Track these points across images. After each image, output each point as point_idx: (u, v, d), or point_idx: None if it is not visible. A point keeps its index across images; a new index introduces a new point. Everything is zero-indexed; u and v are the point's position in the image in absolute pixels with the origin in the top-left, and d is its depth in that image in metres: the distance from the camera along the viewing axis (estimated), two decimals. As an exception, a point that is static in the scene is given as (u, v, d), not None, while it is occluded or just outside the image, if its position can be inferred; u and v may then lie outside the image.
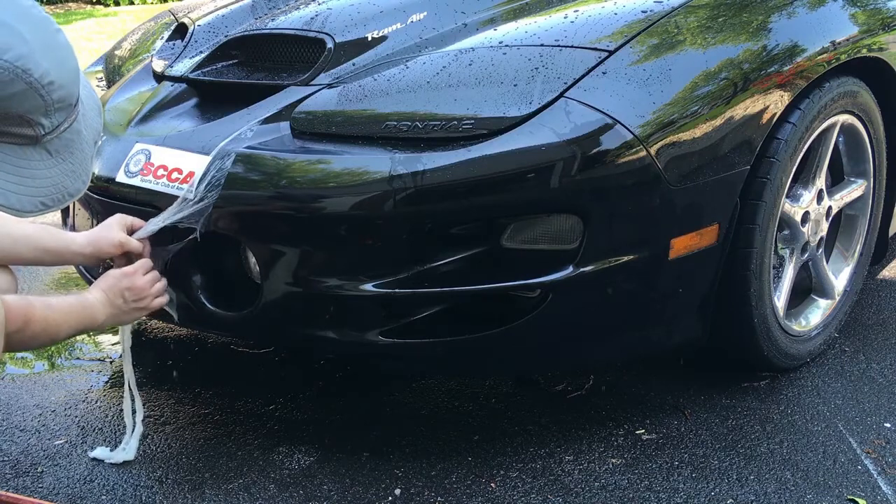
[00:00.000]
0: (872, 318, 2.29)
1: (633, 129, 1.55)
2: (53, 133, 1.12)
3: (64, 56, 1.11)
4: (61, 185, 1.17)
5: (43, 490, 1.67)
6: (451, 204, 1.53)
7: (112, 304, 1.55)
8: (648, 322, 1.74)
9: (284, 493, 1.65)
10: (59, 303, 1.46)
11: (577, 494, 1.63)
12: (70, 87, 1.12)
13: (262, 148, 1.63)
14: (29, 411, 1.96)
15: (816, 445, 1.76)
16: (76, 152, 1.18)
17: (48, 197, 1.16)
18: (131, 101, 2.01)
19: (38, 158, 1.13)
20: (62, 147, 1.15)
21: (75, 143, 1.17)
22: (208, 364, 2.16)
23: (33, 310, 1.38)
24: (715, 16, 1.75)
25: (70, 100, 1.12)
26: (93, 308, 1.51)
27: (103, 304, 1.53)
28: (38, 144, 1.12)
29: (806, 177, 1.98)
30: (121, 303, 1.56)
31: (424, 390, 1.99)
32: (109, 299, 1.55)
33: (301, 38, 1.92)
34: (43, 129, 1.11)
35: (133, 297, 1.57)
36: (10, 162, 1.11)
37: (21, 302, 1.37)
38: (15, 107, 1.06)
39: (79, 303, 1.50)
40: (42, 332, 1.40)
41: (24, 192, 1.13)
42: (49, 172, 1.15)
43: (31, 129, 1.09)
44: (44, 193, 1.15)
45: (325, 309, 1.62)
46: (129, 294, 1.57)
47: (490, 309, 1.63)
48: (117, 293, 1.56)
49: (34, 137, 1.11)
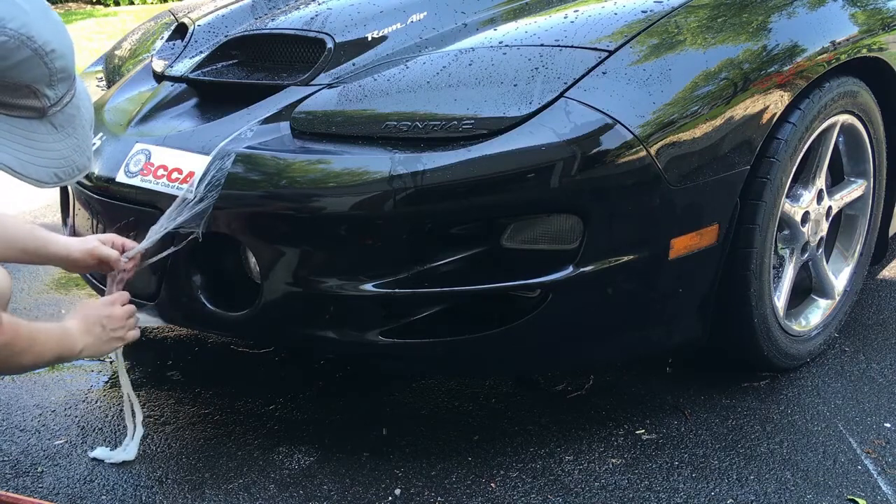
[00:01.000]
0: (872, 318, 2.29)
1: (633, 129, 1.55)
2: (58, 106, 1.20)
3: (61, 28, 1.19)
4: (70, 159, 1.23)
5: (43, 490, 1.67)
6: (451, 204, 1.53)
7: (90, 332, 1.53)
8: (648, 322, 1.74)
9: (284, 493, 1.65)
10: (41, 325, 1.45)
11: (577, 494, 1.63)
12: (69, 57, 1.19)
13: (262, 148, 1.63)
14: (29, 411, 1.96)
15: (816, 445, 1.76)
16: (78, 128, 1.25)
17: (60, 169, 1.22)
18: (131, 101, 2.01)
19: (46, 132, 1.20)
20: (66, 122, 1.22)
21: (76, 119, 1.24)
22: (208, 364, 2.16)
23: (19, 325, 1.37)
24: (715, 16, 1.75)
25: (70, 71, 1.19)
26: (72, 336, 1.50)
27: (82, 332, 1.52)
28: (45, 118, 1.20)
29: (806, 177, 1.98)
30: (99, 331, 1.54)
31: (424, 390, 1.99)
32: (88, 328, 1.53)
33: (301, 38, 1.92)
34: (48, 101, 1.18)
35: (112, 326, 1.56)
36: (23, 135, 1.17)
37: (6, 315, 1.36)
38: (23, 75, 1.13)
39: (59, 328, 1.49)
40: (27, 350, 1.38)
41: (40, 163, 1.19)
42: (58, 146, 1.21)
43: (38, 100, 1.17)
44: (56, 165, 1.22)
45: (325, 309, 1.62)
46: (108, 322, 1.56)
47: (490, 309, 1.63)
48: (95, 321, 1.54)
49: (41, 110, 1.18)
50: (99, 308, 1.57)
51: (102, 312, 1.56)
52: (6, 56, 1.10)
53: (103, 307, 1.57)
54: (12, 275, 1.59)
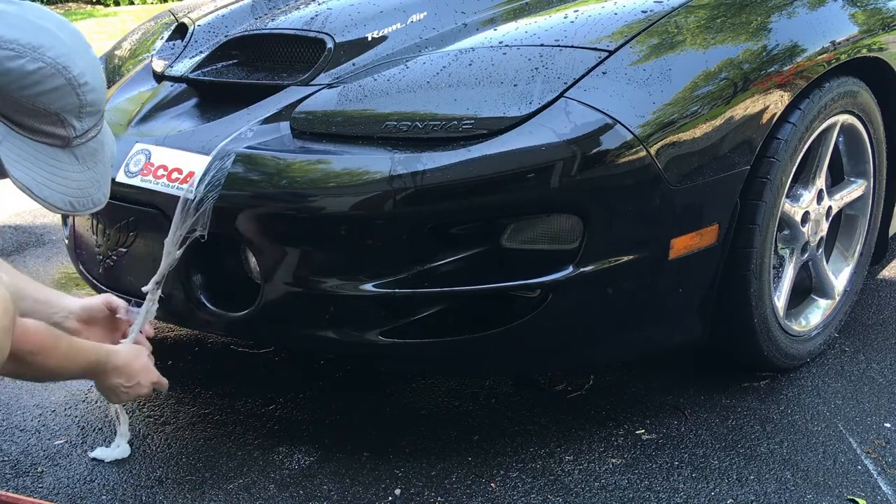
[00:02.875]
0: (872, 318, 2.29)
1: (633, 129, 1.55)
2: (83, 138, 1.23)
3: (96, 64, 1.23)
4: (87, 191, 1.26)
5: (43, 490, 1.67)
6: (451, 204, 1.53)
7: (124, 373, 1.55)
8: (648, 322, 1.74)
9: (284, 493, 1.65)
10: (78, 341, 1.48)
11: (577, 494, 1.63)
12: (100, 92, 1.23)
13: (262, 148, 1.63)
14: (29, 411, 1.96)
15: (816, 445, 1.76)
16: (99, 164, 1.27)
17: (76, 199, 1.24)
18: (131, 101, 2.01)
19: (68, 161, 1.22)
20: (88, 155, 1.25)
21: (98, 154, 1.27)
22: (208, 364, 2.16)
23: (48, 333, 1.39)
24: (715, 16, 1.75)
25: (99, 105, 1.23)
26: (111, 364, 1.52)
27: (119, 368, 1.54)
28: (68, 147, 1.22)
29: (806, 177, 1.98)
30: (123, 381, 1.56)
31: (424, 390, 1.99)
32: (128, 369, 1.55)
33: (301, 38, 1.92)
34: (74, 132, 1.21)
35: (141, 383, 1.58)
36: (45, 160, 1.20)
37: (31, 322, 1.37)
38: (54, 103, 1.16)
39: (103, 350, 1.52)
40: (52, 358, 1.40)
41: (57, 188, 1.21)
42: (77, 177, 1.24)
43: (64, 129, 1.20)
44: (72, 194, 1.24)
45: (325, 309, 1.62)
46: (142, 377, 1.58)
47: (490, 309, 1.63)
48: (134, 373, 1.56)
49: (66, 139, 1.21)
50: (147, 364, 1.60)
51: (136, 365, 1.58)
52: (40, 81, 1.14)
53: (148, 368, 1.60)
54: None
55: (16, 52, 1.12)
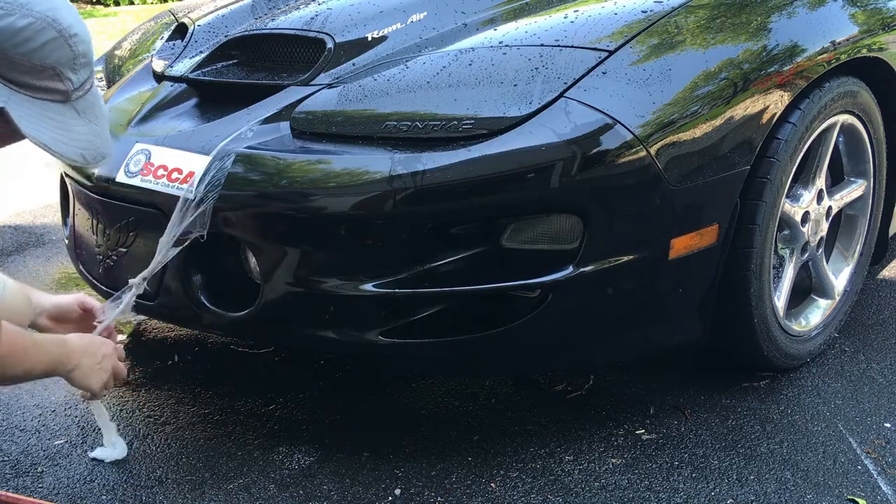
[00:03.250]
0: (872, 318, 2.29)
1: (633, 129, 1.55)
2: (80, 91, 1.24)
3: (80, 18, 1.23)
4: (94, 144, 1.27)
5: (43, 490, 1.67)
6: (451, 204, 1.53)
7: (88, 352, 1.53)
8: (648, 322, 1.74)
9: (284, 493, 1.65)
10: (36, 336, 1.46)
11: (577, 494, 1.63)
12: (89, 44, 1.23)
13: (262, 148, 1.63)
14: (29, 411, 1.96)
15: (816, 445, 1.76)
16: (99, 117, 1.29)
17: (86, 151, 1.26)
18: (131, 101, 2.01)
19: (70, 116, 1.24)
20: (87, 108, 1.26)
21: (96, 107, 1.28)
22: (208, 364, 2.16)
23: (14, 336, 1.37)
24: (715, 16, 1.75)
25: (90, 56, 1.24)
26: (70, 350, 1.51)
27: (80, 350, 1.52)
28: (69, 102, 1.23)
29: (806, 177, 1.98)
30: (96, 355, 1.54)
31: (424, 390, 1.99)
32: (86, 348, 1.54)
33: (301, 38, 1.92)
34: (72, 84, 1.22)
35: (106, 353, 1.57)
36: (51, 117, 1.21)
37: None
38: (48, 56, 1.17)
39: (58, 340, 1.50)
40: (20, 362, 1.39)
41: (67, 141, 1.23)
42: (82, 130, 1.25)
43: (62, 83, 1.20)
44: (82, 146, 1.25)
45: (325, 309, 1.62)
46: (104, 349, 1.57)
47: (490, 309, 1.63)
48: (95, 345, 1.55)
49: (65, 93, 1.22)
50: (94, 337, 1.59)
51: (97, 340, 1.57)
52: (32, 37, 1.14)
53: (98, 338, 1.59)
54: (14, 276, 1.59)
55: (4, 10, 1.12)
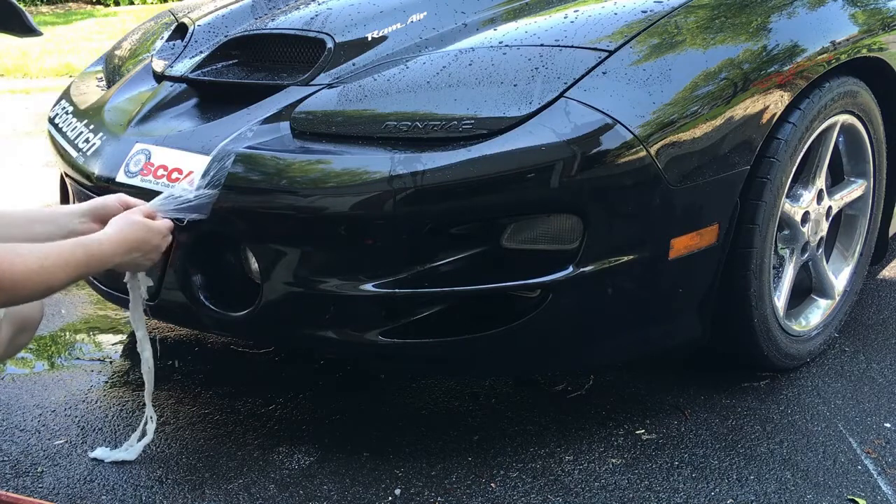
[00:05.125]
0: (872, 318, 2.29)
1: (633, 129, 1.55)
2: None
3: None
4: None
5: (43, 490, 1.67)
6: (451, 204, 1.53)
7: (126, 243, 1.44)
8: (648, 322, 1.74)
9: (284, 493, 1.65)
10: (52, 248, 1.34)
11: (577, 494, 1.63)
12: None
13: (262, 148, 1.63)
14: (29, 411, 1.96)
15: (816, 445, 1.76)
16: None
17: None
18: (131, 101, 2.01)
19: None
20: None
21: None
22: (208, 364, 2.16)
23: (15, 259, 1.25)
24: (715, 16, 1.75)
25: None
26: (105, 247, 1.40)
27: (117, 244, 1.43)
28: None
29: (806, 177, 1.98)
30: (145, 234, 1.47)
31: (424, 390, 2.00)
32: (124, 239, 1.44)
33: (301, 38, 1.92)
34: None
35: (154, 256, 1.51)
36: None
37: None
38: None
39: (82, 244, 1.38)
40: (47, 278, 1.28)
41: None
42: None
43: None
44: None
45: (325, 309, 1.62)
46: (149, 234, 1.49)
47: (490, 309, 1.64)
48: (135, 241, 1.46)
49: None
50: (150, 229, 1.50)
51: (154, 231, 1.49)
52: None
53: (155, 227, 1.50)
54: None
55: None
